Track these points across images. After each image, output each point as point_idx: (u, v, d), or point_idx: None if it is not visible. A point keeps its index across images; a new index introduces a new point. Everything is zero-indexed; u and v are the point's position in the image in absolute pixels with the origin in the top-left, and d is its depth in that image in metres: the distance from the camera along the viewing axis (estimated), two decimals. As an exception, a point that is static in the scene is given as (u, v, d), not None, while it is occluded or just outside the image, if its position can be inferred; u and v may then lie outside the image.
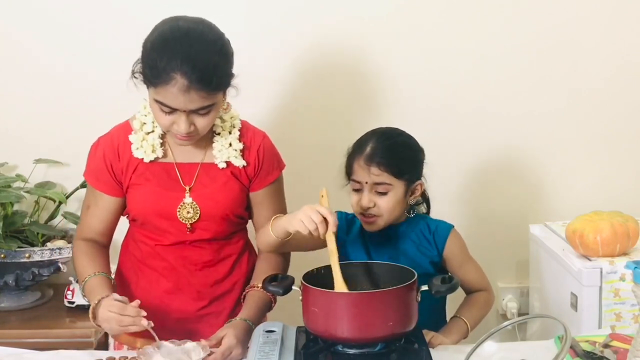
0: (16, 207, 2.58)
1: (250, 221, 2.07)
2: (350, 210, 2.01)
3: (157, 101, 1.79)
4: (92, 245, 1.98)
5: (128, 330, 1.77)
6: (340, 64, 2.72)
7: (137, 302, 1.78)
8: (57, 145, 2.64)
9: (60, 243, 2.54)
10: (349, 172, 1.96)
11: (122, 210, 1.99)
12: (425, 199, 2.07)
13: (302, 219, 1.74)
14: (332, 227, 1.74)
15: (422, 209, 2.07)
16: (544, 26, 2.74)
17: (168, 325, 1.93)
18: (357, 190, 1.94)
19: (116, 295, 1.80)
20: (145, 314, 1.75)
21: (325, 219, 1.73)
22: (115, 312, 1.75)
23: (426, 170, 2.01)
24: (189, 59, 1.73)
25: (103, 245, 2.00)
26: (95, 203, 1.97)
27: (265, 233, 1.87)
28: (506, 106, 2.78)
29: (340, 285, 1.76)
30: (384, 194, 1.90)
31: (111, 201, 1.96)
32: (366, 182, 1.90)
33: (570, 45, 2.76)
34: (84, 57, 2.63)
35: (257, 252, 2.08)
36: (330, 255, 1.79)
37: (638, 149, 2.83)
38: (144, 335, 1.93)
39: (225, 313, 2.01)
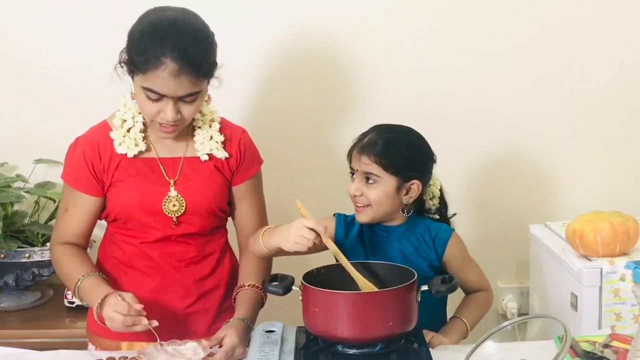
0: (16, 207, 2.58)
1: (229, 221, 2.08)
2: (346, 212, 2.01)
3: (144, 88, 1.80)
4: (73, 247, 1.97)
5: (133, 330, 1.76)
6: (340, 63, 2.72)
7: (140, 305, 1.77)
8: (57, 145, 2.61)
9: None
10: (349, 159, 1.98)
11: (100, 212, 1.98)
12: (443, 204, 2.07)
13: (296, 240, 1.76)
14: (324, 236, 1.76)
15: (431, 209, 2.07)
16: (544, 26, 2.74)
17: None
18: (352, 178, 1.96)
19: (123, 294, 1.79)
20: (145, 314, 1.75)
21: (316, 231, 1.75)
22: (119, 312, 1.74)
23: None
24: (179, 44, 1.76)
25: (83, 248, 2.00)
26: (74, 204, 1.96)
27: (257, 244, 1.89)
28: (506, 106, 2.78)
29: (363, 284, 1.79)
30: (372, 184, 1.91)
31: (90, 201, 1.95)
32: (357, 170, 1.93)
33: (570, 45, 2.76)
34: (85, 57, 2.63)
35: (237, 252, 2.09)
36: (339, 258, 1.80)
37: (638, 149, 2.83)
38: (127, 338, 1.93)
39: (213, 311, 2.02)
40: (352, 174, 1.96)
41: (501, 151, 2.81)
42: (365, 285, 1.80)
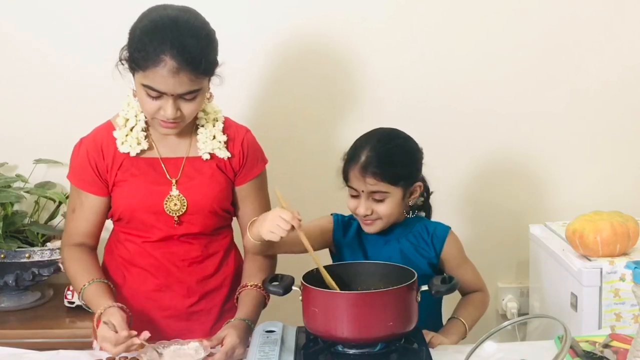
0: (16, 207, 2.58)
1: (235, 220, 2.07)
2: (346, 212, 2.01)
3: (144, 86, 1.81)
4: (81, 250, 1.97)
5: (130, 352, 1.73)
6: (342, 63, 2.72)
7: (125, 332, 1.72)
8: (57, 145, 2.62)
9: (60, 243, 2.53)
10: (345, 178, 1.95)
11: (107, 211, 1.99)
12: (425, 201, 2.06)
13: (270, 229, 1.76)
14: (298, 230, 1.75)
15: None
16: (545, 27, 2.74)
17: (158, 324, 1.94)
18: (354, 196, 1.93)
19: (111, 318, 1.75)
20: (135, 333, 1.73)
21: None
22: (110, 343, 1.71)
23: (425, 170, 2.00)
24: (179, 42, 1.77)
25: (92, 248, 2.00)
26: (80, 205, 1.97)
27: (246, 237, 1.89)
28: (506, 106, 2.78)
29: (329, 283, 1.78)
30: (381, 201, 1.90)
31: (96, 201, 1.96)
32: (362, 191, 1.90)
33: (571, 46, 2.76)
34: (85, 57, 2.63)
35: (243, 252, 2.08)
36: (310, 253, 1.79)
37: (638, 149, 2.83)
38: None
39: (215, 310, 2.02)
40: (355, 195, 1.92)
41: (501, 151, 2.81)
42: (331, 285, 1.78)
